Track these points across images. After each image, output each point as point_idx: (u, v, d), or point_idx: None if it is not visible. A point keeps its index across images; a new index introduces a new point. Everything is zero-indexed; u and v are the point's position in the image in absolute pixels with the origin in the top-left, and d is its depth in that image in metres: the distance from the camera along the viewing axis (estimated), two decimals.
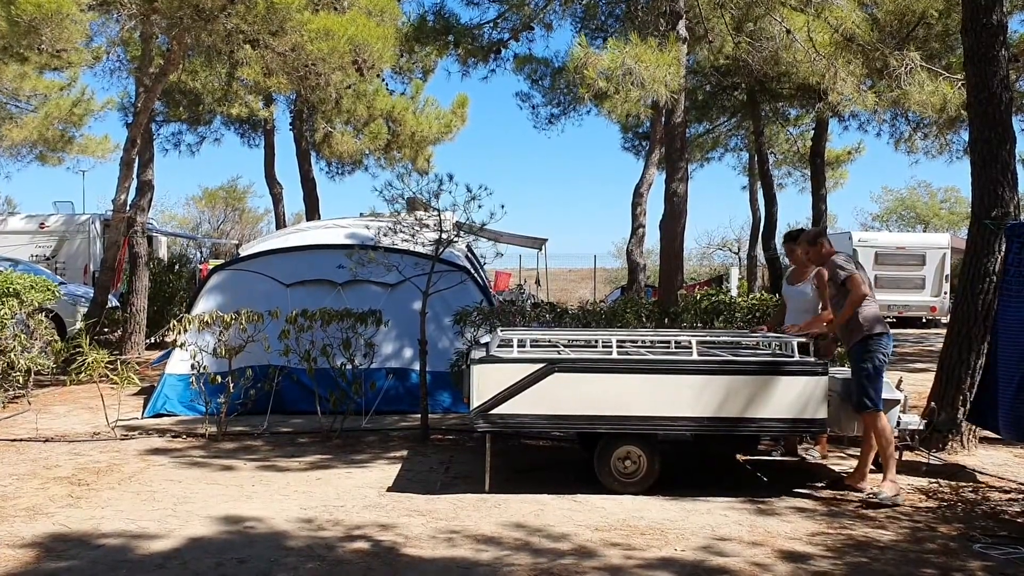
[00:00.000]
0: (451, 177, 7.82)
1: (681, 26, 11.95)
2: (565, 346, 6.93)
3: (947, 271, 23.05)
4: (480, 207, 7.94)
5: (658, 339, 7.24)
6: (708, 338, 7.10)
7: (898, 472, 6.67)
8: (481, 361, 6.05)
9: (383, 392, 8.68)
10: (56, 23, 9.87)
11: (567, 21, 16.27)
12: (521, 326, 8.79)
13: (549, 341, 7.08)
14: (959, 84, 11.78)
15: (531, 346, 6.63)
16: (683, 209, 12.31)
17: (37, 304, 9.73)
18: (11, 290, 9.31)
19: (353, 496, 5.99)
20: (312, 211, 21.28)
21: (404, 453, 7.35)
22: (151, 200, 15.60)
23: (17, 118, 19.89)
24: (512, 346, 6.26)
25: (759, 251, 24.10)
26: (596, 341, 7.06)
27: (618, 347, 6.51)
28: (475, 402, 6.00)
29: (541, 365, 6.01)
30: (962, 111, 12.04)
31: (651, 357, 6.43)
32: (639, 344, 7.17)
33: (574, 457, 7.20)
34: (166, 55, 13.14)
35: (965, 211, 39.15)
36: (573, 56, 11.44)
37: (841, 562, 4.73)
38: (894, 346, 6.60)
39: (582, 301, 12.37)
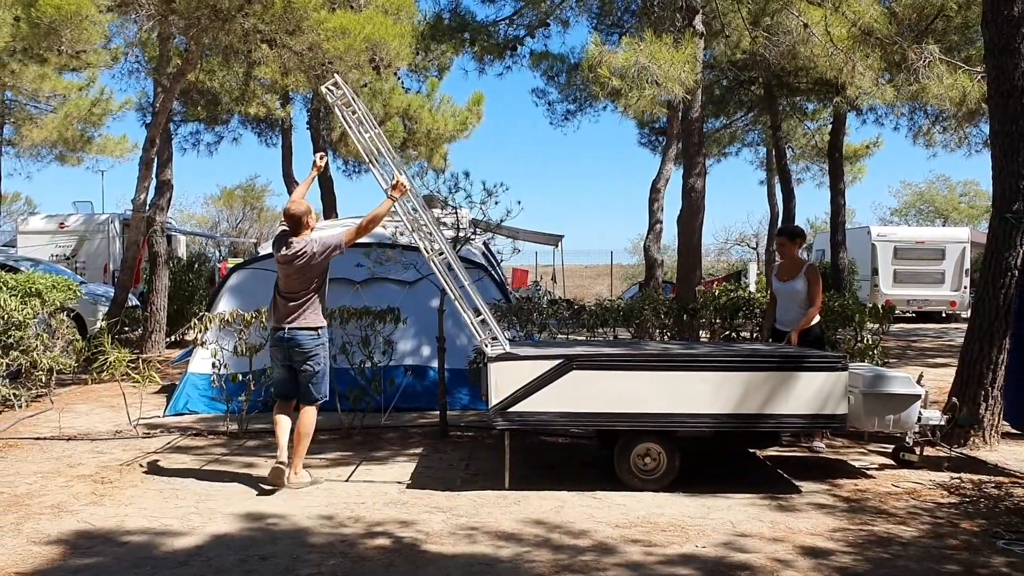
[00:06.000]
0: (467, 175, 7.86)
1: (698, 21, 11.89)
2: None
3: (967, 265, 22.90)
4: (496, 204, 7.97)
5: None
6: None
7: (920, 467, 6.68)
8: (498, 359, 6.06)
9: (402, 389, 8.71)
10: (75, 24, 9.94)
11: (583, 17, 16.23)
12: (537, 323, 8.82)
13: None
14: (979, 77, 11.69)
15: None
16: (701, 204, 12.26)
17: (59, 303, 9.82)
18: (33, 290, 9.40)
19: (374, 493, 6.02)
20: (329, 209, 21.35)
21: (423, 450, 7.38)
22: (170, 199, 15.69)
23: (37, 119, 20.09)
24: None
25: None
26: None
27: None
28: (493, 400, 6.00)
29: (558, 361, 6.02)
30: (982, 104, 11.95)
31: (671, 352, 6.42)
32: None
33: (593, 454, 7.20)
34: (184, 55, 13.22)
35: (985, 205, 38.86)
36: (587, 54, 11.41)
37: (862, 557, 4.71)
38: (914, 340, 6.60)
39: (599, 297, 12.38)
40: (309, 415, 6.32)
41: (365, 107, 6.71)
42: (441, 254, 6.46)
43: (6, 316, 8.84)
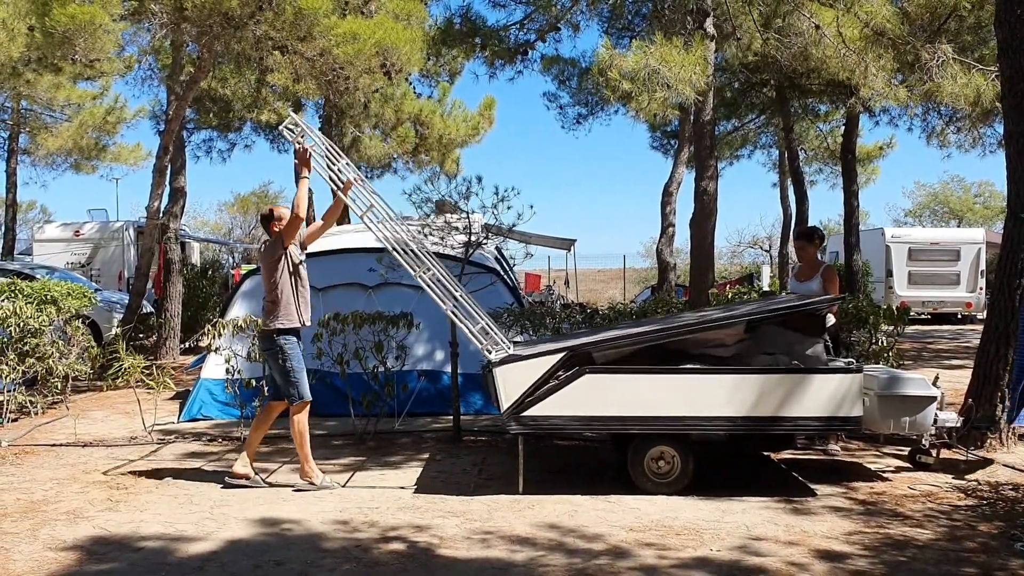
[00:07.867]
0: (479, 179, 7.87)
1: (708, 23, 11.87)
2: None
3: (982, 266, 22.76)
4: (509, 208, 7.97)
5: None
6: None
7: (936, 470, 6.63)
8: (502, 362, 6.06)
9: (415, 394, 8.71)
10: (89, 33, 10.00)
11: (594, 21, 16.20)
12: (551, 328, 8.80)
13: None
14: (993, 76, 11.62)
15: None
16: (713, 207, 12.24)
17: (74, 311, 9.87)
18: (49, 297, 9.46)
19: (387, 497, 6.03)
20: (342, 215, 21.37)
21: (437, 455, 7.38)
22: (184, 207, 15.76)
23: (52, 128, 20.26)
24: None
25: (791, 249, 23.89)
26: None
27: None
28: (504, 404, 6.00)
29: (562, 355, 6.00)
30: (996, 104, 11.87)
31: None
32: None
33: (607, 457, 7.19)
34: (196, 63, 13.28)
35: (1000, 205, 38.61)
36: (598, 58, 11.41)
37: (879, 561, 4.68)
38: (929, 342, 6.56)
39: (612, 301, 12.38)
40: (295, 417, 6.41)
41: (327, 141, 6.86)
42: (429, 271, 6.45)
43: (22, 323, 8.90)
